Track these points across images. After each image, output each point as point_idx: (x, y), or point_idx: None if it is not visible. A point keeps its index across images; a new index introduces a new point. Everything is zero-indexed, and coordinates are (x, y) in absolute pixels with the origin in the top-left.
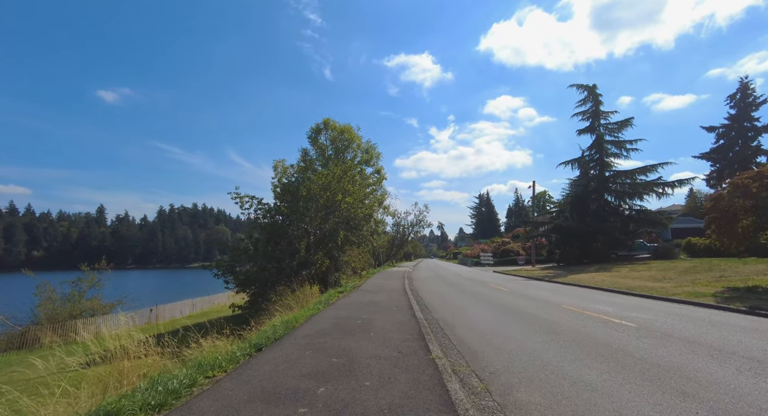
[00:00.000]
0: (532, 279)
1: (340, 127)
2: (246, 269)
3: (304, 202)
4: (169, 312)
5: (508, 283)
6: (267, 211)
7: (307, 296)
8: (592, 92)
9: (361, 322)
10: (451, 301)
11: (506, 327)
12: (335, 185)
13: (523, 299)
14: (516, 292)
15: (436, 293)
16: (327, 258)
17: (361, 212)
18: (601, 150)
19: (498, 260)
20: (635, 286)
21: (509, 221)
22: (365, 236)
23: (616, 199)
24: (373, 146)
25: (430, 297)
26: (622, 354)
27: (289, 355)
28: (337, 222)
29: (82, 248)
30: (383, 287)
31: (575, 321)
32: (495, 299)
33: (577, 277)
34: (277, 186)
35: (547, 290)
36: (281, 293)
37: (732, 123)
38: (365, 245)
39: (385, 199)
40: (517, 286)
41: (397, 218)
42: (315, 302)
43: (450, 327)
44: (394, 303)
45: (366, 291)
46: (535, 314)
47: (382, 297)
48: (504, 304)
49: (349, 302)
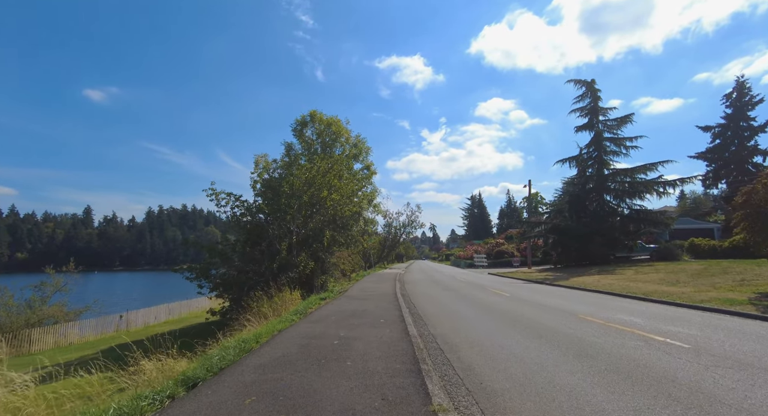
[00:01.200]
0: (532, 282)
1: (327, 119)
2: (223, 273)
3: (286, 199)
4: (142, 318)
5: (507, 287)
6: (247, 209)
7: (286, 302)
8: (591, 88)
9: (339, 343)
10: (448, 309)
11: (525, 348)
12: (320, 180)
13: (532, 307)
14: (520, 298)
15: (431, 299)
16: (311, 260)
17: (349, 211)
18: (599, 148)
19: (492, 262)
20: (651, 291)
21: (501, 222)
22: (354, 237)
23: (615, 198)
24: (363, 140)
25: (425, 304)
26: (704, 398)
27: (220, 407)
28: (322, 221)
29: (68, 249)
30: (372, 292)
31: (606, 339)
32: (499, 307)
33: (581, 280)
34: (257, 182)
35: (554, 296)
36: (258, 299)
37: (728, 122)
38: (354, 246)
39: (375, 197)
40: (518, 290)
41: (388, 219)
42: (292, 311)
43: (452, 348)
44: (382, 313)
45: (352, 298)
46: (553, 327)
47: (369, 305)
48: (511, 313)
49: (330, 313)
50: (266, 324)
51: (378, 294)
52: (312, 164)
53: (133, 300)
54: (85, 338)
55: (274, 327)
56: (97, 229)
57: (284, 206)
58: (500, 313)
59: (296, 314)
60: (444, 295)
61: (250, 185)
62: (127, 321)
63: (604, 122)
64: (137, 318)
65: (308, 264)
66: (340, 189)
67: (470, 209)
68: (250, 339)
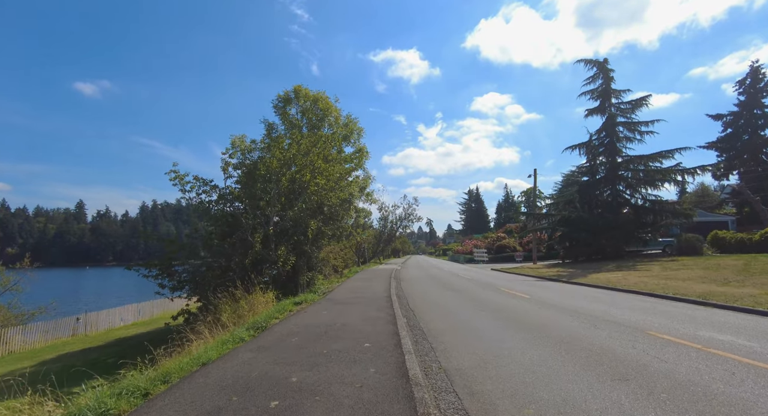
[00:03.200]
0: (545, 280)
1: (314, 95)
2: (186, 269)
3: (262, 183)
4: (105, 320)
5: (521, 286)
6: (220, 196)
7: (255, 306)
8: (603, 68)
9: (279, 408)
10: (460, 321)
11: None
12: (301, 160)
13: (571, 317)
14: (545, 302)
15: (435, 304)
16: (293, 255)
17: (337, 198)
18: (612, 133)
19: (493, 257)
20: (705, 292)
21: (499, 217)
22: (345, 229)
23: (627, 188)
24: (354, 120)
25: (428, 312)
26: None
27: None
28: (305, 209)
29: (59, 245)
30: (362, 293)
31: (731, 381)
32: (527, 317)
33: (602, 277)
34: (228, 164)
35: (584, 298)
36: (222, 303)
37: (741, 110)
38: (347, 239)
39: (368, 184)
40: (537, 291)
41: (384, 212)
42: (248, 323)
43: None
44: (369, 331)
45: (335, 302)
46: (630, 357)
47: (353, 315)
48: (550, 329)
49: (296, 328)
50: (205, 346)
51: (368, 297)
52: (291, 141)
53: (115, 298)
54: (31, 345)
55: (204, 355)
56: (90, 224)
57: (259, 192)
58: (535, 329)
59: (251, 329)
60: (450, 298)
61: (221, 168)
62: (86, 323)
63: (617, 106)
64: (100, 320)
65: (289, 259)
66: (326, 172)
67: (467, 204)
68: (153, 379)
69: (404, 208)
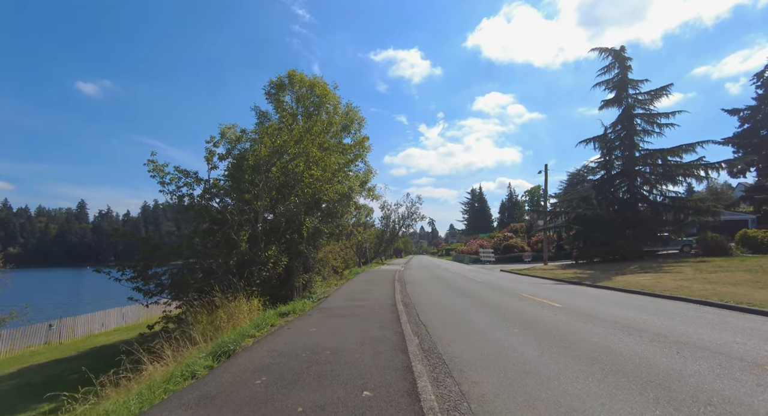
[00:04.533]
0: (565, 283)
1: (310, 80)
2: (177, 272)
3: (251, 174)
4: (84, 326)
5: (542, 290)
6: (206, 190)
7: (235, 316)
8: (619, 57)
9: None
10: (493, 346)
11: None
12: (294, 148)
13: (633, 338)
14: (583, 312)
15: (450, 314)
16: (285, 255)
17: (334, 192)
18: (629, 126)
19: (500, 257)
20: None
21: (502, 216)
22: (344, 227)
23: (644, 184)
24: (355, 108)
25: (445, 329)
26: None
27: None
28: (299, 204)
29: (61, 244)
30: (362, 299)
31: None
32: (576, 335)
33: (631, 280)
34: (213, 153)
35: (626, 308)
36: (199, 311)
37: (759, 104)
38: (347, 238)
39: (369, 178)
40: (564, 297)
41: (386, 210)
42: (208, 348)
43: None
44: (369, 365)
45: (329, 313)
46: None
47: (349, 335)
48: (625, 358)
49: (265, 363)
50: (149, 382)
51: (369, 305)
52: (282, 126)
53: (107, 300)
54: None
55: (124, 407)
56: (91, 224)
57: (247, 184)
58: (599, 359)
59: (214, 354)
60: (466, 307)
61: (205, 158)
62: (61, 330)
63: (635, 96)
64: (78, 326)
65: (280, 260)
66: (322, 162)
67: (470, 203)
68: None
69: (407, 206)
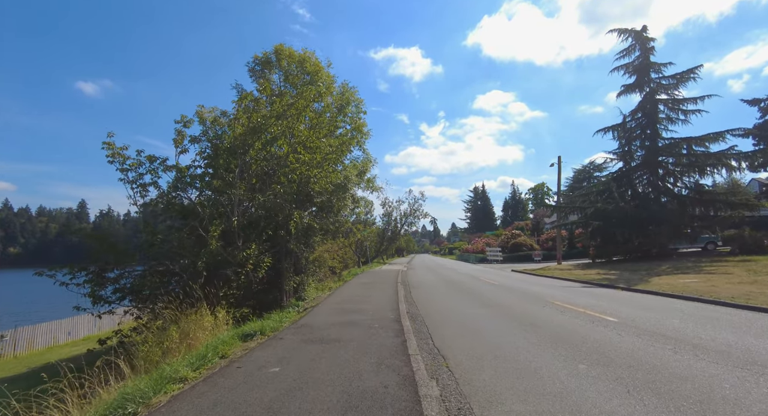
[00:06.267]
0: (595, 286)
1: (299, 55)
2: (138, 275)
3: (226, 158)
4: (47, 336)
5: (576, 296)
6: (178, 179)
7: (193, 334)
8: (640, 38)
9: None
10: (565, 402)
11: None
12: (274, 127)
13: None
14: (655, 331)
15: (481, 341)
16: (270, 254)
17: (326, 181)
18: (652, 113)
19: (507, 256)
20: None
21: (505, 214)
22: (341, 223)
23: (667, 176)
24: (351, 89)
25: (472, 363)
26: None
27: None
28: (283, 194)
29: (61, 244)
30: (358, 311)
31: None
32: (690, 385)
33: (675, 283)
34: (182, 135)
35: (704, 324)
36: (150, 325)
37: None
38: (346, 236)
39: (368, 168)
40: (609, 306)
41: (387, 208)
42: (124, 393)
43: None
44: None
45: (308, 337)
46: None
47: (327, 385)
48: None
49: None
50: None
51: (366, 320)
52: (260, 96)
53: None
54: None
55: None
56: (92, 223)
57: (221, 170)
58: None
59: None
60: (492, 321)
61: (173, 140)
62: (15, 341)
63: (658, 81)
64: (38, 336)
65: (262, 261)
66: (310, 142)
67: (473, 201)
68: None
69: (410, 203)
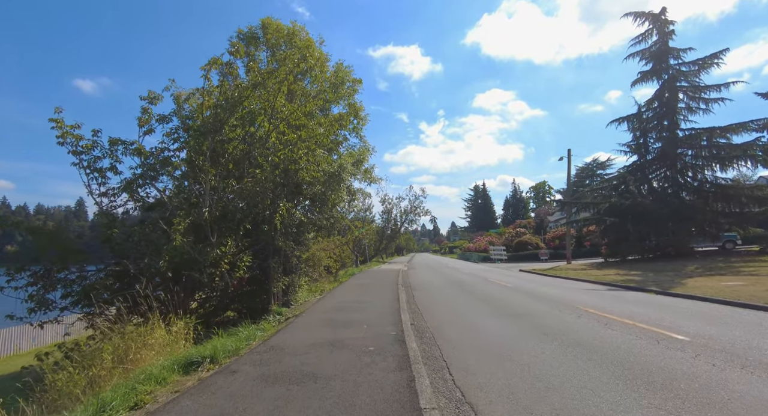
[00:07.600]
0: (619, 288)
1: (288, 28)
2: (91, 276)
3: (196, 139)
4: (6, 344)
5: (606, 302)
6: (147, 163)
7: (135, 354)
8: (658, 21)
9: None
10: None
11: None
12: (253, 99)
13: None
14: (746, 356)
15: (512, 365)
16: (248, 252)
17: (316, 170)
18: (671, 102)
19: (512, 255)
20: None
21: (506, 213)
22: (337, 219)
23: (686, 169)
24: (347, 68)
25: None
26: None
27: None
28: (263, 181)
29: None
30: (349, 323)
31: None
32: None
33: (714, 286)
34: (149, 113)
35: None
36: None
37: None
38: (341, 233)
39: (366, 157)
40: (659, 316)
41: (387, 205)
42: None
43: None
44: None
45: (276, 369)
46: None
47: None
48: None
49: None
50: None
51: (358, 340)
52: (232, 63)
53: None
54: None
55: None
56: (90, 222)
57: (192, 153)
58: None
59: None
60: (527, 342)
61: (138, 119)
62: None
63: (677, 67)
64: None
65: (241, 260)
66: (293, 119)
67: (473, 200)
68: None
69: (410, 200)
